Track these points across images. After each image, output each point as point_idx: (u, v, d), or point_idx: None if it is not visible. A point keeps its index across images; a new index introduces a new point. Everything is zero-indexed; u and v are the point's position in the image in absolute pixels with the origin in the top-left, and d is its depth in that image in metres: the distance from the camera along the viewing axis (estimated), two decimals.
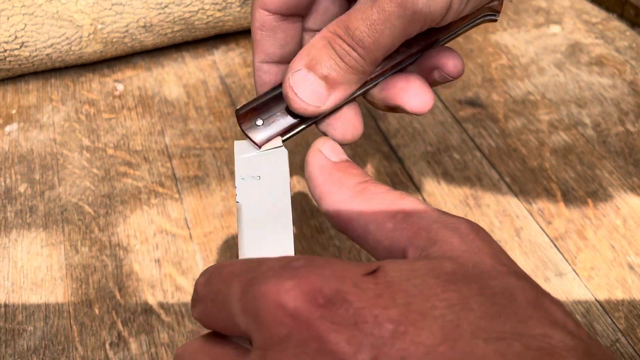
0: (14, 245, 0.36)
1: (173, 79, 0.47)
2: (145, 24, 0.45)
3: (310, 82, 0.21)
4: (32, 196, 0.39)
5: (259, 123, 0.23)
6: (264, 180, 0.24)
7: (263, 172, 0.24)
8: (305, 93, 0.21)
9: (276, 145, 0.23)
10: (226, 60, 0.49)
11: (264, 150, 0.24)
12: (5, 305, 0.33)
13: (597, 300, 0.32)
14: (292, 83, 0.21)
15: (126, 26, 0.45)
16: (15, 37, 0.43)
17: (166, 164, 0.41)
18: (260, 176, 0.24)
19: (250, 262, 0.15)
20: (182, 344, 0.30)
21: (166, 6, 0.45)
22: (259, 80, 0.25)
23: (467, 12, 0.21)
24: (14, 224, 0.37)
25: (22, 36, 0.43)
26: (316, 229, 0.36)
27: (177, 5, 0.45)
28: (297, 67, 0.21)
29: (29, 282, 0.34)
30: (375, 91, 0.23)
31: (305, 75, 0.21)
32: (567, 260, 0.34)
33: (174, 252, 0.35)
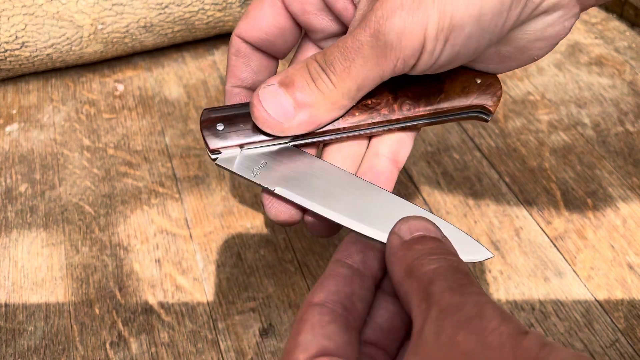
0: (14, 245, 0.36)
1: (173, 79, 0.48)
2: (146, 24, 0.45)
3: (280, 97, 0.21)
4: (33, 196, 0.39)
5: (219, 127, 0.23)
6: (273, 160, 0.23)
7: (266, 158, 0.23)
8: (271, 106, 0.21)
9: (233, 154, 0.23)
10: (226, 60, 0.49)
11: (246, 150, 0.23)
12: (6, 305, 0.33)
13: (596, 300, 0.32)
14: (260, 94, 0.21)
15: (126, 26, 0.45)
16: (16, 37, 0.43)
17: (166, 164, 0.41)
18: (266, 161, 0.23)
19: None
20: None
21: (166, 6, 0.45)
22: (228, 102, 0.25)
23: (444, 64, 0.21)
24: (14, 224, 0.37)
25: (22, 36, 0.43)
26: None
27: (177, 5, 0.45)
28: (271, 82, 0.21)
29: (29, 282, 0.34)
30: None
31: (276, 89, 0.21)
32: (566, 260, 0.34)
33: (174, 252, 0.35)
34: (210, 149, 0.23)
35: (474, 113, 0.24)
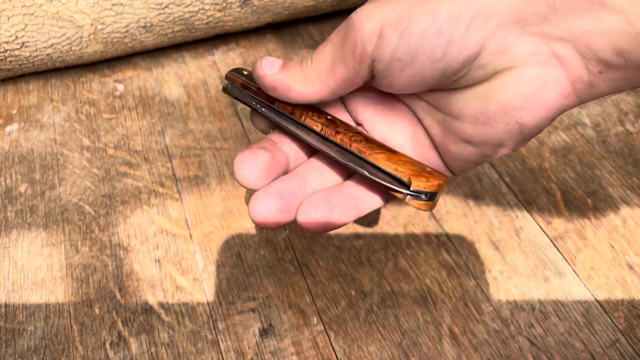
0: (14, 245, 0.36)
1: (173, 79, 0.48)
2: (146, 24, 0.45)
3: (274, 61, 0.25)
4: (33, 196, 0.39)
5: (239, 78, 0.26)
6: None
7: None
8: (267, 62, 0.25)
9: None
10: (226, 60, 0.49)
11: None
12: (6, 305, 0.33)
13: (596, 300, 0.32)
14: (265, 58, 0.25)
15: (126, 26, 0.45)
16: (16, 37, 0.43)
17: (166, 164, 0.41)
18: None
19: None
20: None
21: (166, 6, 0.45)
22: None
23: (403, 65, 0.22)
24: (14, 224, 0.37)
25: (22, 36, 0.43)
26: None
27: (177, 5, 0.45)
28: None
29: (29, 282, 0.34)
30: None
31: (275, 59, 0.25)
32: (566, 260, 0.34)
33: (174, 252, 0.35)
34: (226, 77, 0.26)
35: (396, 182, 0.23)
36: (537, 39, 0.20)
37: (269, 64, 0.24)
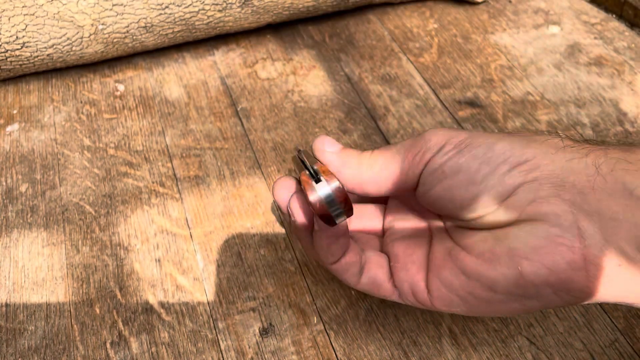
0: (15, 245, 0.36)
1: (174, 79, 0.48)
2: (146, 24, 0.45)
3: (334, 142, 0.27)
4: (33, 196, 0.39)
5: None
6: None
7: None
8: (328, 141, 0.27)
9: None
10: (227, 60, 0.49)
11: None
12: (7, 305, 0.33)
13: None
14: (325, 138, 0.27)
15: (127, 27, 0.45)
16: (17, 37, 0.43)
17: (167, 164, 0.41)
18: None
19: None
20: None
21: (167, 7, 0.45)
22: None
23: (447, 170, 0.24)
24: (15, 224, 0.37)
25: (23, 36, 0.43)
26: None
27: (177, 5, 0.45)
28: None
29: (30, 282, 0.34)
30: None
31: (335, 141, 0.27)
32: None
33: (175, 251, 0.36)
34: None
35: None
36: (567, 206, 0.21)
37: (330, 143, 0.26)
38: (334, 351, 0.31)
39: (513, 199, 0.22)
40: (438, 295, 0.25)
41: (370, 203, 0.31)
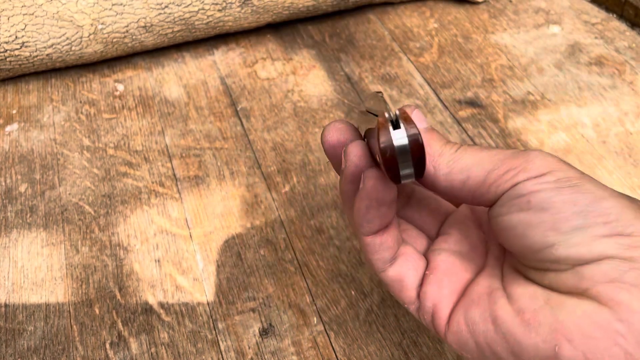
0: (14, 245, 0.36)
1: (173, 79, 0.48)
2: (146, 24, 0.45)
3: (424, 119, 0.24)
4: (33, 196, 0.39)
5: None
6: None
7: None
8: (418, 115, 0.24)
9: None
10: (226, 60, 0.49)
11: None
12: (6, 305, 0.33)
13: None
14: (416, 110, 0.24)
15: (126, 26, 0.45)
16: (16, 37, 0.43)
17: (166, 164, 0.41)
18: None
19: None
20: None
21: (166, 6, 0.45)
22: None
23: (534, 204, 0.20)
24: (14, 224, 0.37)
25: (22, 36, 0.43)
26: (316, 229, 0.36)
27: (177, 5, 0.45)
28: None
29: (29, 282, 0.34)
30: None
31: (425, 118, 0.24)
32: None
33: (174, 252, 0.35)
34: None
35: None
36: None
37: (419, 118, 0.23)
38: (334, 352, 0.31)
39: (592, 267, 0.19)
40: (456, 331, 0.22)
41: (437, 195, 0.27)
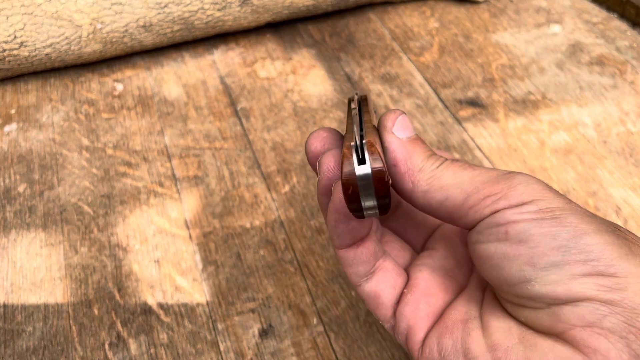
0: (13, 245, 0.36)
1: (173, 78, 0.47)
2: (145, 23, 0.45)
3: (410, 127, 0.23)
4: (32, 196, 0.39)
5: None
6: None
7: None
8: (402, 123, 0.23)
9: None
10: (226, 60, 0.49)
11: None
12: (4, 306, 0.33)
13: None
14: (401, 117, 0.23)
15: (125, 26, 0.45)
16: (15, 36, 0.43)
17: (166, 164, 0.41)
18: None
19: None
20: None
21: (165, 6, 0.45)
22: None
23: (517, 236, 0.19)
24: (13, 224, 0.37)
25: (21, 36, 0.43)
26: (316, 229, 0.36)
27: (176, 5, 0.45)
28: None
29: (28, 283, 0.34)
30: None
31: (411, 126, 0.24)
32: None
33: (174, 252, 0.35)
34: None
35: None
36: (627, 358, 0.17)
37: (402, 127, 0.21)
38: (334, 352, 0.31)
39: (569, 309, 0.17)
40: (428, 358, 0.21)
41: None
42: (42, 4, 0.43)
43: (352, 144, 0.19)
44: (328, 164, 0.21)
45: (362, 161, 0.19)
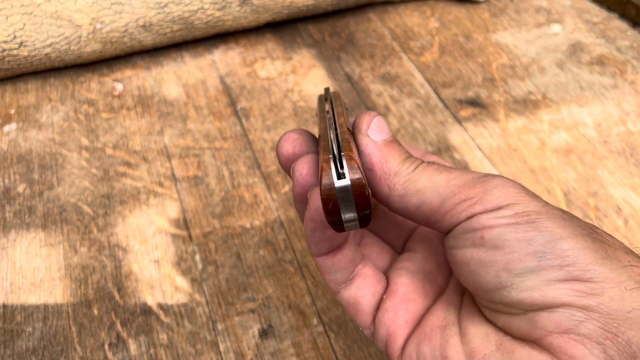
0: (12, 245, 0.36)
1: (172, 78, 0.47)
2: (145, 23, 0.45)
3: (385, 129, 0.23)
4: (31, 196, 0.39)
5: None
6: None
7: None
8: (377, 125, 0.22)
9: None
10: (226, 59, 0.49)
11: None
12: (4, 306, 0.33)
13: None
14: (376, 118, 0.23)
15: (125, 26, 0.45)
16: (14, 36, 0.43)
17: (165, 164, 0.41)
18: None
19: None
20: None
21: (165, 5, 0.45)
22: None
23: (494, 243, 0.19)
24: (12, 224, 0.37)
25: (21, 36, 0.43)
26: None
27: (176, 4, 0.45)
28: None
29: (27, 283, 0.34)
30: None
31: (387, 128, 0.23)
32: None
33: (173, 252, 0.35)
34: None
35: None
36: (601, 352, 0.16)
37: (377, 130, 0.21)
38: (334, 353, 0.31)
39: (545, 315, 0.17)
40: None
41: None
42: (42, 3, 0.43)
43: (330, 156, 0.18)
44: (301, 171, 0.21)
45: (341, 175, 0.18)
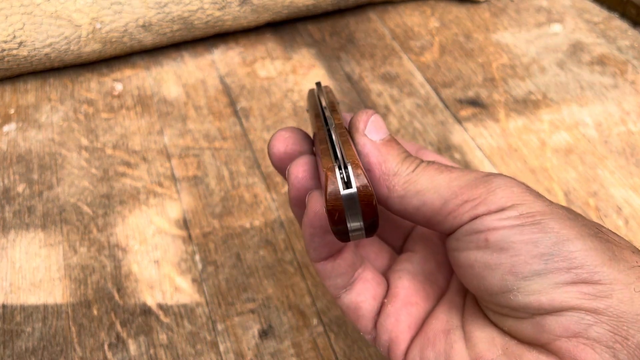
0: (12, 245, 0.36)
1: (172, 78, 0.47)
2: (144, 23, 0.45)
3: (383, 128, 0.22)
4: (31, 196, 0.39)
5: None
6: None
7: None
8: (375, 124, 0.22)
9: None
10: (225, 59, 0.49)
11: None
12: (4, 306, 0.33)
13: None
14: (373, 117, 0.22)
15: (125, 25, 0.45)
16: (14, 36, 0.43)
17: (165, 164, 0.41)
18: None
19: None
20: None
21: (165, 5, 0.45)
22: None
23: (498, 244, 0.18)
24: (12, 225, 0.37)
25: (20, 35, 0.43)
26: None
27: (176, 4, 0.45)
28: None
29: (27, 283, 0.34)
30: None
31: (385, 127, 0.23)
32: None
33: (173, 252, 0.35)
34: None
35: None
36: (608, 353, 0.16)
37: (376, 128, 0.21)
38: (334, 353, 0.31)
39: (553, 319, 0.17)
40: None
41: None
42: (42, 3, 0.42)
43: (335, 164, 0.18)
44: (296, 174, 0.20)
45: (347, 183, 0.17)
